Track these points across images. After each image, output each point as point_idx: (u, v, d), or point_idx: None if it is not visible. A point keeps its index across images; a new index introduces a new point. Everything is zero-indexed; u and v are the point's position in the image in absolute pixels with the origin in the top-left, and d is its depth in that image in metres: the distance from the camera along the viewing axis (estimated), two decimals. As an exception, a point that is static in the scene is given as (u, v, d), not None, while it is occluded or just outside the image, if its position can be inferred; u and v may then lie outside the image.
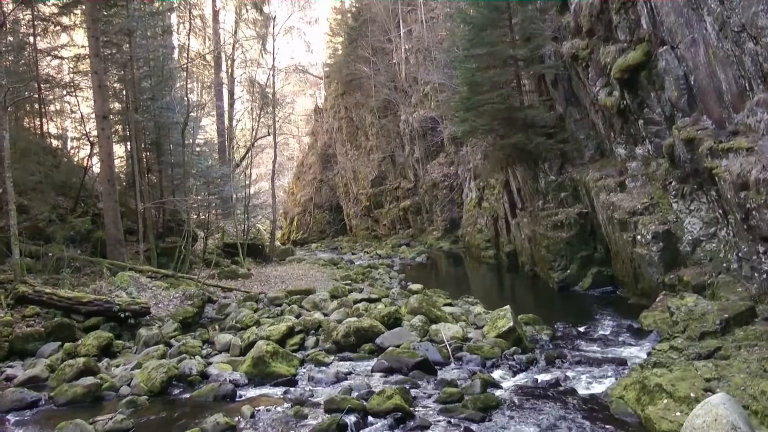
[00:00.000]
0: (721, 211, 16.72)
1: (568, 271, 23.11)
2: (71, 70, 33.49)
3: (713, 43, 15.59)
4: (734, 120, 15.43)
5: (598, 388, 11.80)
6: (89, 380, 12.98)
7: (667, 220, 18.83)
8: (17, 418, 11.66)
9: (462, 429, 9.88)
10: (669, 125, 18.64)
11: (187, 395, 12.76)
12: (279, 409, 11.32)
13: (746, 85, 14.75)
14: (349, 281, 27.64)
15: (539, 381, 12.36)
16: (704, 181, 16.98)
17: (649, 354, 13.54)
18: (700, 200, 17.81)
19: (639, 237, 19.31)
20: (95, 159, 30.35)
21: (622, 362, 13.31)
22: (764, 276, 14.62)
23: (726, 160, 15.14)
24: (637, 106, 20.31)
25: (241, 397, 12.50)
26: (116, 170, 28.45)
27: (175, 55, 42.08)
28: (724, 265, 16.53)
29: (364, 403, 10.95)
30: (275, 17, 46.89)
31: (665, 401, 9.65)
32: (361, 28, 56.78)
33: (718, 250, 17.05)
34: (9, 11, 26.07)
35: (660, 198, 19.46)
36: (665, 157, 18.88)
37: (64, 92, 34.01)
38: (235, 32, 51.84)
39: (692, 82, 17.06)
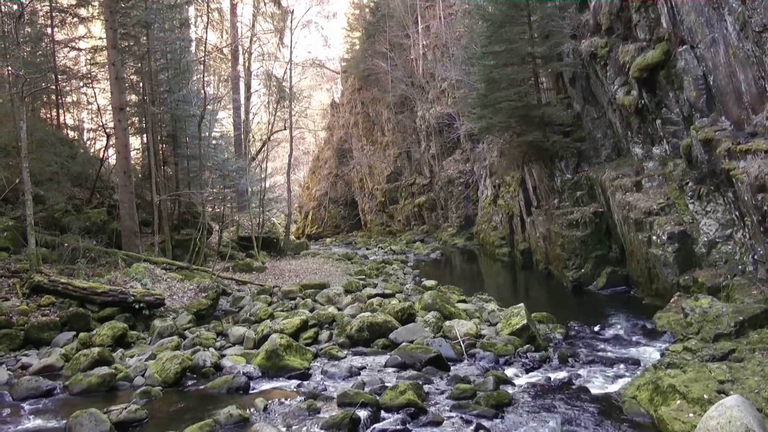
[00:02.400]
0: (737, 213, 16.64)
1: (583, 270, 23.06)
2: (88, 61, 33.60)
3: (733, 44, 15.50)
4: (753, 121, 15.34)
5: (611, 388, 11.78)
6: (104, 370, 13.06)
7: (683, 221, 18.75)
8: (33, 406, 11.73)
9: (474, 425, 9.88)
10: (687, 125, 18.57)
11: (201, 387, 12.82)
12: (292, 402, 11.35)
13: (766, 86, 14.65)
14: (364, 276, 27.69)
15: (552, 379, 12.35)
16: (721, 182, 16.89)
17: (662, 355, 13.52)
18: (716, 201, 17.71)
19: (654, 237, 19.24)
20: (111, 150, 30.55)
21: (635, 362, 13.28)
22: (780, 278, 14.57)
23: (744, 161, 15.06)
24: (655, 106, 20.24)
25: (254, 389, 12.54)
26: (132, 162, 28.54)
27: (193, 48, 42.15)
28: (740, 267, 16.45)
29: (377, 397, 10.98)
30: (293, 11, 46.86)
31: (678, 402, 9.63)
32: (379, 24, 56.73)
33: (734, 252, 16.97)
34: (27, 2, 26.17)
35: (676, 198, 19.38)
36: (682, 157, 18.81)
37: (81, 84, 34.14)
38: (253, 26, 52.01)
39: (711, 83, 16.98)
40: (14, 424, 10.73)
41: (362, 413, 10.26)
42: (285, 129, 45.90)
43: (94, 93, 33.98)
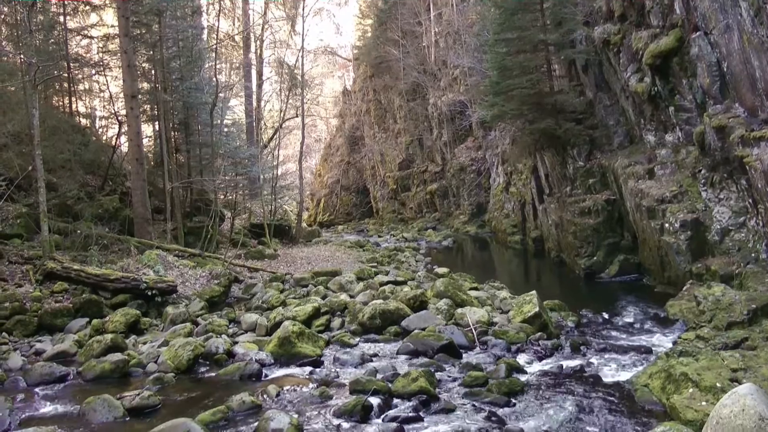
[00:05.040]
0: (751, 201, 16.56)
1: (595, 258, 22.98)
2: (100, 49, 33.74)
3: (748, 30, 15.40)
4: (767, 108, 15.25)
5: (622, 376, 11.76)
6: (117, 356, 13.13)
7: (695, 209, 18.66)
8: (46, 392, 11.81)
9: (486, 413, 9.88)
10: (700, 112, 18.46)
11: (213, 373, 12.87)
12: (304, 389, 11.38)
13: (780, 73, 14.58)
14: (375, 263, 27.68)
15: (564, 367, 12.33)
16: (734, 169, 16.81)
17: (674, 343, 13.48)
18: (729, 189, 17.63)
19: (667, 225, 19.16)
20: (124, 138, 30.60)
21: (647, 350, 13.26)
22: (794, 266, 14.49)
23: (757, 148, 15.00)
24: (668, 93, 20.13)
25: (266, 376, 12.59)
26: (144, 149, 28.66)
27: (204, 36, 42.16)
28: (753, 255, 16.38)
29: (389, 385, 10.99)
30: (305, -2, 46.79)
31: (691, 390, 9.60)
32: (391, 11, 56.45)
33: (747, 240, 16.90)
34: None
35: (689, 186, 19.29)
36: (695, 144, 18.71)
37: (93, 71, 34.28)
38: (265, 13, 51.92)
39: (725, 69, 16.87)
40: (28, 410, 10.80)
41: (374, 400, 10.27)
42: (297, 116, 45.84)
43: (107, 81, 34.16)
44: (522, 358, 13.12)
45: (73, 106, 32.53)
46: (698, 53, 17.78)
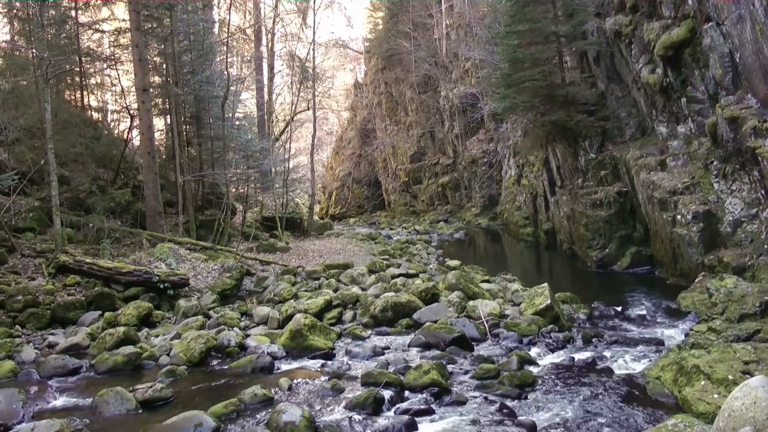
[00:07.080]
0: (763, 192, 16.47)
1: (607, 250, 22.93)
2: (112, 43, 33.76)
3: (760, 20, 15.29)
4: (780, 99, 15.18)
5: (634, 369, 11.74)
6: (129, 349, 13.21)
7: (708, 200, 18.58)
8: (59, 384, 11.89)
9: (498, 405, 9.87)
10: (712, 103, 18.36)
11: (226, 366, 12.92)
12: (316, 382, 11.40)
13: (793, 63, 14.48)
14: (387, 256, 27.66)
15: (576, 360, 12.31)
16: (747, 161, 16.72)
17: (686, 335, 13.45)
18: (742, 180, 17.53)
19: (679, 217, 19.09)
20: (135, 132, 30.71)
21: (659, 343, 13.22)
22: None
23: (770, 139, 14.91)
24: (680, 84, 20.03)
25: (278, 369, 12.62)
26: (156, 143, 28.68)
27: (216, 29, 42.18)
28: (766, 246, 16.30)
29: (401, 377, 11.00)
30: (316, -9, 46.62)
31: (702, 383, 9.57)
32: (402, 3, 56.27)
33: (760, 232, 16.81)
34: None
35: (701, 177, 19.20)
36: (707, 136, 18.62)
37: (105, 65, 34.33)
38: (276, 6, 51.79)
39: (737, 60, 16.77)
40: (41, 402, 10.85)
41: (386, 393, 10.28)
42: (308, 109, 45.81)
43: (118, 74, 34.22)
44: (534, 351, 13.13)
45: (85, 100, 32.64)
46: (710, 44, 17.69)
